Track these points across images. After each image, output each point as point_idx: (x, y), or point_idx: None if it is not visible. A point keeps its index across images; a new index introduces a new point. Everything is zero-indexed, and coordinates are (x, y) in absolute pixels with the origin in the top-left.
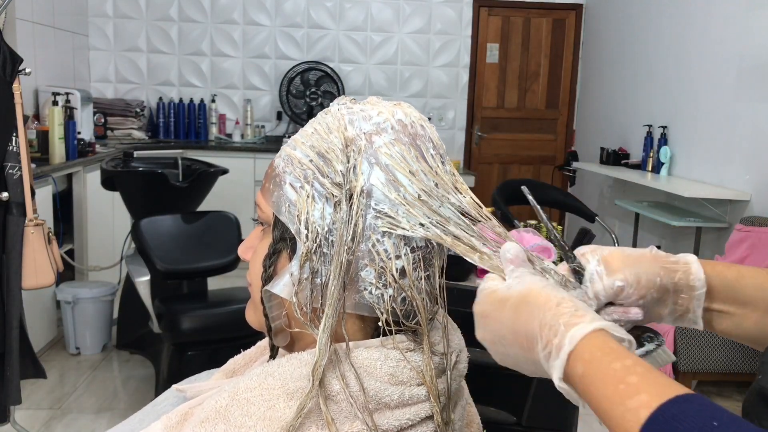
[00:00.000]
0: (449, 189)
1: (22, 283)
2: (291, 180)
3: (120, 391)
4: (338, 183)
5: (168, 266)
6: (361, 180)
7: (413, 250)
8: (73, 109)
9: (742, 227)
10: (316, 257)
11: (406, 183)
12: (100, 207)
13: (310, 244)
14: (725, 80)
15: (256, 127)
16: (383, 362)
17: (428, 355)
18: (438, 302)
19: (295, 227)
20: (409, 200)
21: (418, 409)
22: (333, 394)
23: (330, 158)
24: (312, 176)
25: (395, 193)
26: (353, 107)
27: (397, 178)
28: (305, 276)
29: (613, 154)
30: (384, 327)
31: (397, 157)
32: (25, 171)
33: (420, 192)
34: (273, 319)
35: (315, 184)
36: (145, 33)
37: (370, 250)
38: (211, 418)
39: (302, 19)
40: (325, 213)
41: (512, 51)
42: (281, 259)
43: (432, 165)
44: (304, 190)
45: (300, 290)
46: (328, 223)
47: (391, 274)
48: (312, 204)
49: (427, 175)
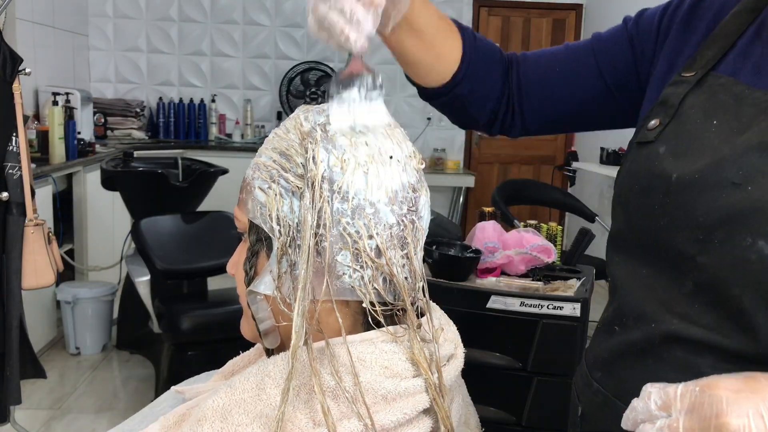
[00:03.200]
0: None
1: (22, 283)
2: (259, 183)
3: (120, 391)
4: (300, 175)
5: (168, 266)
6: (321, 167)
7: (385, 228)
8: (73, 109)
9: None
10: (291, 250)
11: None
12: (100, 207)
13: (284, 239)
14: None
15: (256, 127)
16: (377, 356)
17: (413, 329)
18: (417, 278)
19: (267, 226)
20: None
21: (415, 402)
22: (328, 390)
23: (290, 154)
24: (277, 175)
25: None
26: (309, 108)
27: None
28: (284, 270)
29: (613, 154)
30: (369, 309)
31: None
32: (25, 171)
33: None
34: (260, 321)
35: (280, 181)
36: (145, 33)
37: (341, 234)
38: (208, 417)
39: (302, 19)
40: (293, 206)
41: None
42: (260, 259)
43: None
44: (271, 190)
45: (281, 284)
46: (298, 216)
47: (366, 253)
48: (280, 200)
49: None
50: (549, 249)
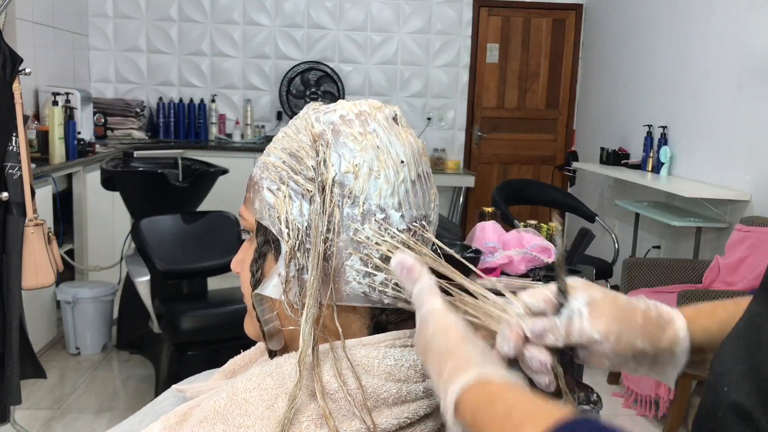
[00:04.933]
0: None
1: (22, 283)
2: (268, 184)
3: (120, 391)
4: (311, 178)
5: (168, 266)
6: (332, 171)
7: (394, 236)
8: (73, 109)
9: (742, 227)
10: (300, 254)
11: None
12: (100, 207)
13: (293, 242)
14: (725, 80)
15: (256, 127)
16: (381, 360)
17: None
18: None
19: (276, 228)
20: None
21: (417, 406)
22: (331, 392)
23: (301, 156)
24: (287, 176)
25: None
26: (319, 108)
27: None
28: (292, 274)
29: (613, 154)
30: (375, 314)
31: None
32: (25, 171)
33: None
34: (266, 323)
35: (290, 183)
36: (145, 33)
37: (351, 239)
38: (210, 418)
39: (302, 19)
40: (303, 209)
41: (512, 51)
42: (267, 261)
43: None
44: (280, 191)
45: (289, 289)
46: (307, 219)
47: (376, 259)
48: (290, 203)
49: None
50: (549, 249)
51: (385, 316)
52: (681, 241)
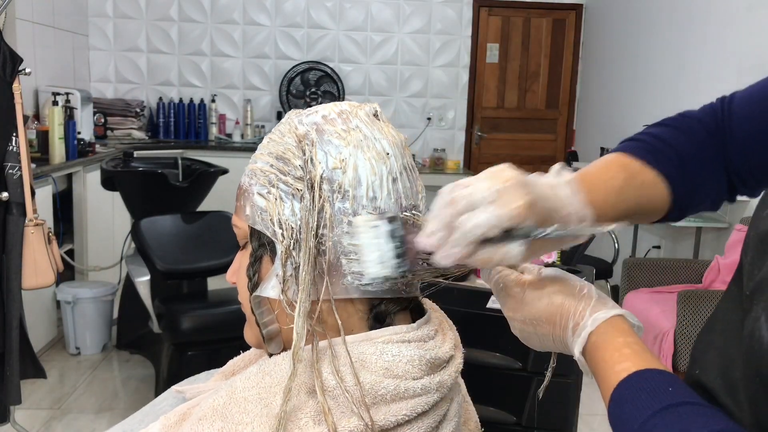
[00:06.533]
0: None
1: (22, 283)
2: (258, 189)
3: (120, 391)
4: (300, 177)
5: (168, 266)
6: (320, 168)
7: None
8: (73, 109)
9: (742, 227)
10: (296, 252)
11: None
12: (100, 207)
13: (288, 242)
14: (725, 80)
15: (256, 127)
16: (378, 356)
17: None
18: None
19: (270, 230)
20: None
21: (415, 403)
22: (329, 389)
23: (288, 157)
24: (276, 179)
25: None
26: (301, 112)
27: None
28: (289, 273)
29: None
30: (372, 305)
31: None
32: (25, 171)
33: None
34: (265, 326)
35: (280, 185)
36: (145, 33)
37: (345, 233)
38: (209, 416)
39: (302, 19)
40: (294, 209)
41: (512, 51)
42: (264, 264)
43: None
44: (271, 195)
45: (287, 288)
46: (300, 218)
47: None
48: (281, 204)
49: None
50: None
51: (384, 306)
52: (681, 241)
